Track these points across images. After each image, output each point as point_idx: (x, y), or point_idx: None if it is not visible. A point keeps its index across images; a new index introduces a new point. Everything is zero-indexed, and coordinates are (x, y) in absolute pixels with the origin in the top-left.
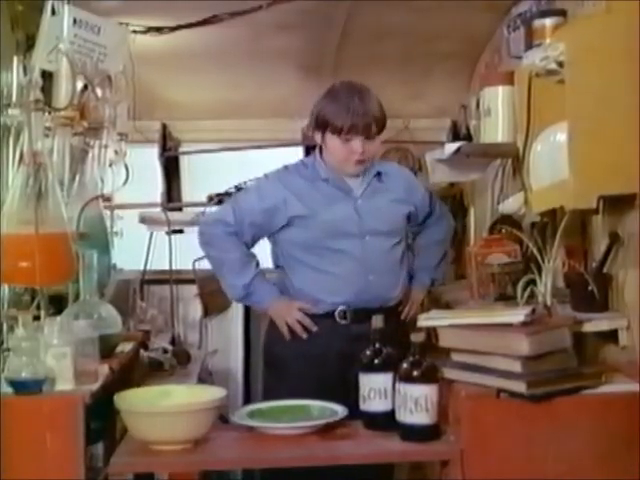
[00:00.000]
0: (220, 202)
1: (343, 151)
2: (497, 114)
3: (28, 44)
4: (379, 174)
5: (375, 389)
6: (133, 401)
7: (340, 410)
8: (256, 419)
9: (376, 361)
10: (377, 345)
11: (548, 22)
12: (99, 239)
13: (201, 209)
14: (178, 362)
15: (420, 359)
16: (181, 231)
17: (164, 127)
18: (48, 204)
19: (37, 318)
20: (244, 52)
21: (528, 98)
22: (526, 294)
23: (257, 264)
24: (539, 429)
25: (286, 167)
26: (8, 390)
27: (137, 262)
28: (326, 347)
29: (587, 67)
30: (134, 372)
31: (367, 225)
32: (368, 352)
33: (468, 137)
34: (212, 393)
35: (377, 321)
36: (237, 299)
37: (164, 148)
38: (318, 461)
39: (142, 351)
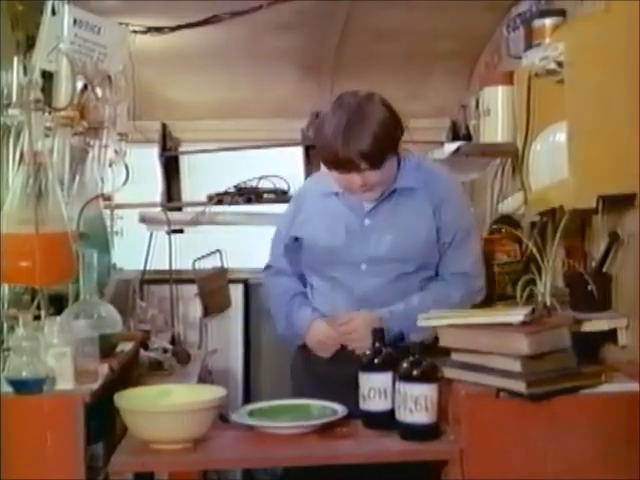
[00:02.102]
0: (220, 202)
1: (343, 181)
2: (497, 114)
3: (28, 44)
4: (401, 189)
5: (375, 388)
6: (133, 400)
7: (340, 410)
8: (256, 418)
9: (376, 360)
10: (377, 345)
11: (548, 22)
12: (99, 239)
13: (201, 209)
14: (178, 362)
15: (420, 359)
16: (181, 231)
17: (164, 127)
18: (48, 204)
19: (37, 318)
20: (244, 52)
21: (528, 98)
22: (526, 294)
23: (295, 294)
24: (539, 428)
25: (313, 177)
26: (8, 390)
27: (137, 262)
28: (335, 372)
29: (587, 67)
30: (134, 372)
31: (367, 251)
32: (368, 352)
33: (468, 137)
34: (212, 393)
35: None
36: (290, 344)
37: (164, 148)
38: (318, 460)
39: (142, 351)
